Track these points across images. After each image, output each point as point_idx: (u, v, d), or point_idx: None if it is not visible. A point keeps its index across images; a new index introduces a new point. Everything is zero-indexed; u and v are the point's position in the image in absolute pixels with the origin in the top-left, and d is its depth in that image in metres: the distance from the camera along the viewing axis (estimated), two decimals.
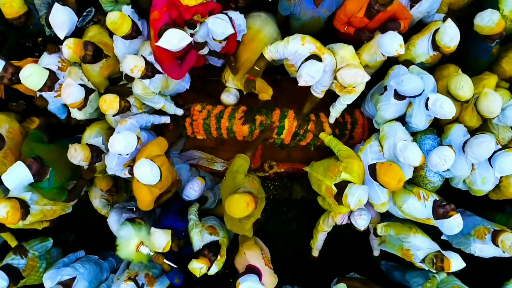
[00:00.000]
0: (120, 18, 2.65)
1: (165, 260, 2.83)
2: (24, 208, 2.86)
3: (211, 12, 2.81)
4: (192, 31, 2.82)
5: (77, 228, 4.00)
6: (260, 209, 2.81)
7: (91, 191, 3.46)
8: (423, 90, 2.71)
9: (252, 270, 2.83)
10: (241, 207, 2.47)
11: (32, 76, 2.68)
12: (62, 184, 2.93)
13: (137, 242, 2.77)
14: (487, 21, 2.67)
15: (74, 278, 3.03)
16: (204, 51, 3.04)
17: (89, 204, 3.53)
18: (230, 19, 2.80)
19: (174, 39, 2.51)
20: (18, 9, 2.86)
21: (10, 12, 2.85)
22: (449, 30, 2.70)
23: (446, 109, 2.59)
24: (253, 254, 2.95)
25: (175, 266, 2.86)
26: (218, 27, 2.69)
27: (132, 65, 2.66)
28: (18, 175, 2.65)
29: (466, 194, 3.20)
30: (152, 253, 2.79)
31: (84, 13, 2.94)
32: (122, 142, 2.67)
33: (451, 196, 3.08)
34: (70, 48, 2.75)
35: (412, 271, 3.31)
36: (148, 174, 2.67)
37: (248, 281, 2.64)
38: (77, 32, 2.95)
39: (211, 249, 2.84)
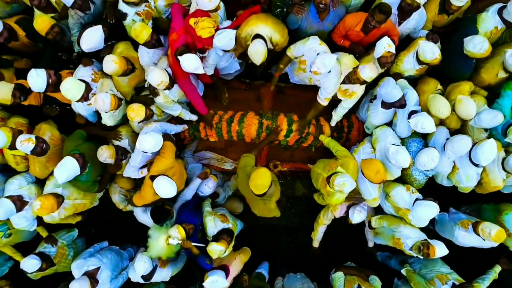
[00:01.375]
0: (140, 26, 2.95)
1: (193, 244, 3.04)
2: (58, 197, 3.13)
3: None
4: (201, 55, 3.09)
5: (98, 223, 4.22)
6: (278, 189, 3.11)
7: (111, 187, 3.71)
8: (405, 102, 3.03)
9: (223, 269, 3.12)
10: (263, 174, 2.75)
11: (72, 89, 2.98)
12: (96, 178, 3.24)
13: (165, 236, 2.97)
14: (479, 48, 2.97)
15: (98, 268, 3.26)
16: (209, 71, 3.32)
17: (109, 201, 3.77)
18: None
19: (191, 64, 2.81)
20: (48, 21, 3.09)
21: (43, 26, 3.08)
22: (427, 48, 3.04)
23: (427, 128, 2.92)
24: (238, 264, 3.29)
25: (203, 245, 3.06)
26: (224, 40, 2.87)
27: (159, 80, 2.94)
28: (69, 168, 2.91)
29: (453, 194, 3.50)
30: (180, 241, 2.98)
31: (109, 43, 3.29)
32: (150, 141, 2.94)
33: (443, 197, 3.38)
34: (116, 63, 2.98)
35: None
36: (169, 190, 2.97)
37: (216, 276, 2.96)
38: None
39: (228, 234, 3.11)
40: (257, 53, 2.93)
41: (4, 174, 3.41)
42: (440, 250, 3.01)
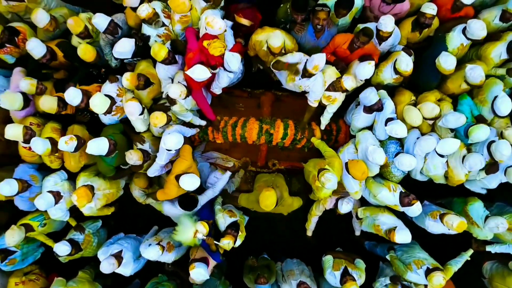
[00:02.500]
0: (158, 47, 3.33)
1: (214, 242, 3.37)
2: (87, 186, 3.56)
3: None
4: (213, 71, 3.44)
5: (118, 216, 4.47)
6: (282, 184, 3.65)
7: (131, 185, 4.08)
8: (381, 105, 3.50)
9: (204, 261, 3.43)
10: (266, 196, 3.27)
11: (99, 105, 3.39)
12: (116, 166, 3.66)
13: (194, 230, 3.25)
14: (447, 66, 3.38)
15: (121, 251, 3.62)
16: (217, 91, 3.76)
17: (128, 196, 4.15)
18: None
19: (198, 73, 3.20)
20: (93, 52, 3.55)
21: (89, 57, 3.54)
22: (403, 59, 3.47)
23: (399, 134, 3.37)
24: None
25: (219, 243, 3.35)
26: (237, 64, 3.34)
27: (179, 92, 3.34)
28: (100, 147, 3.29)
29: (431, 189, 3.95)
30: (205, 237, 3.28)
31: (135, 59, 3.75)
32: (174, 140, 3.32)
33: (422, 192, 3.78)
34: (127, 80, 3.46)
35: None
36: (194, 183, 3.37)
37: (201, 268, 3.29)
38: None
39: (233, 228, 3.49)
40: (277, 37, 3.44)
41: (41, 172, 3.88)
42: (399, 236, 3.42)
